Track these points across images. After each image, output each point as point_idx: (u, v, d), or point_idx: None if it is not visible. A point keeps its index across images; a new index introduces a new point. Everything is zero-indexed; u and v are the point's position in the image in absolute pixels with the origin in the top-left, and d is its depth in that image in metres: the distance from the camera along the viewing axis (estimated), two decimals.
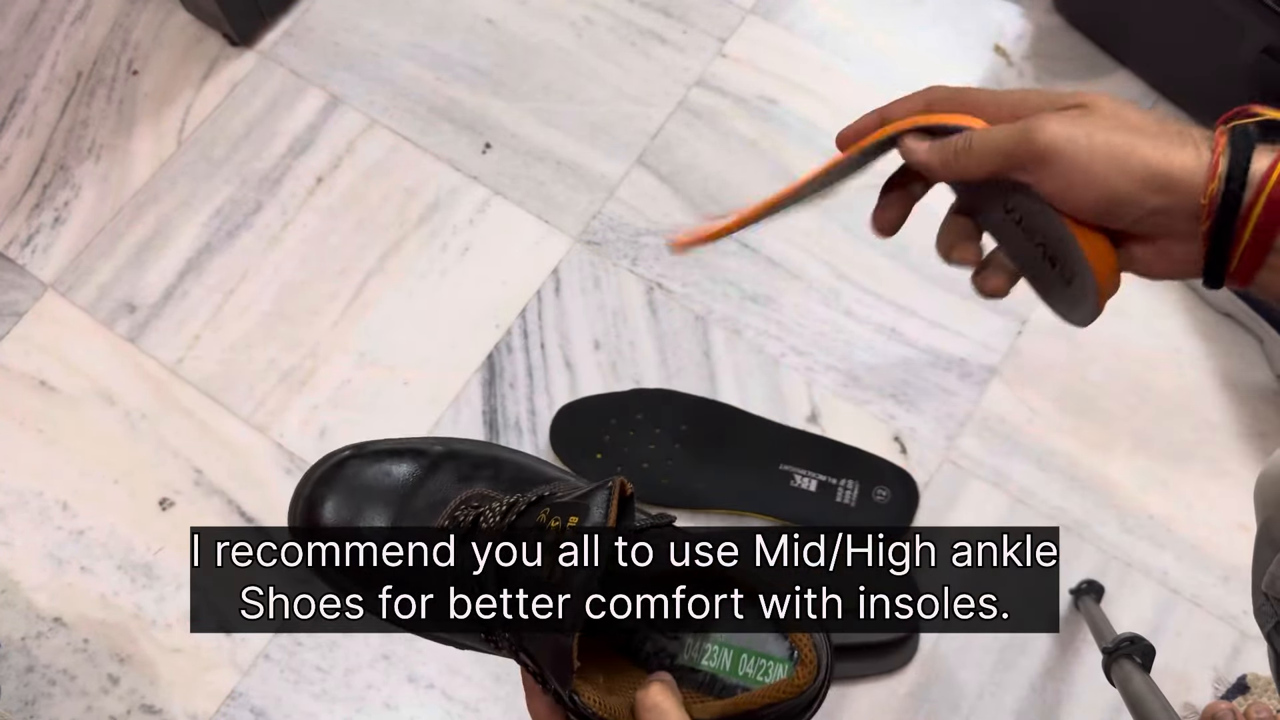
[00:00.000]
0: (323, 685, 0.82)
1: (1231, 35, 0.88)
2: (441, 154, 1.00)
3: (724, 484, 0.86)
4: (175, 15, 1.06)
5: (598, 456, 0.86)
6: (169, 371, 0.92)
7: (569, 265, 0.95)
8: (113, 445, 0.90)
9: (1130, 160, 0.38)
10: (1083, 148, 0.39)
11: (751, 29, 1.05)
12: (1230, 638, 0.83)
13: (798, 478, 0.87)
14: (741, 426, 0.88)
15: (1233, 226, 0.38)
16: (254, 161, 1.00)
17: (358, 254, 0.96)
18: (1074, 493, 0.87)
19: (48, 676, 0.83)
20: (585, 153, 1.00)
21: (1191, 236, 0.39)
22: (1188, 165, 0.38)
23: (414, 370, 0.92)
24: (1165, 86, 1.00)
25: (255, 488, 0.88)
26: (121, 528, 0.87)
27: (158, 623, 0.84)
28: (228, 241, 0.97)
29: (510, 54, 1.04)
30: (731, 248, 0.95)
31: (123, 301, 0.95)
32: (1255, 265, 0.39)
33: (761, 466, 0.87)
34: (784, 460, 0.87)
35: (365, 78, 1.03)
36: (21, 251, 0.97)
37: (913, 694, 0.82)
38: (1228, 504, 0.87)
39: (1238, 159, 0.38)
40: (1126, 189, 0.39)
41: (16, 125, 1.02)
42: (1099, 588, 0.83)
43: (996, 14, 1.05)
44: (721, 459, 0.87)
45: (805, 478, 0.87)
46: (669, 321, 0.93)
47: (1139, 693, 0.63)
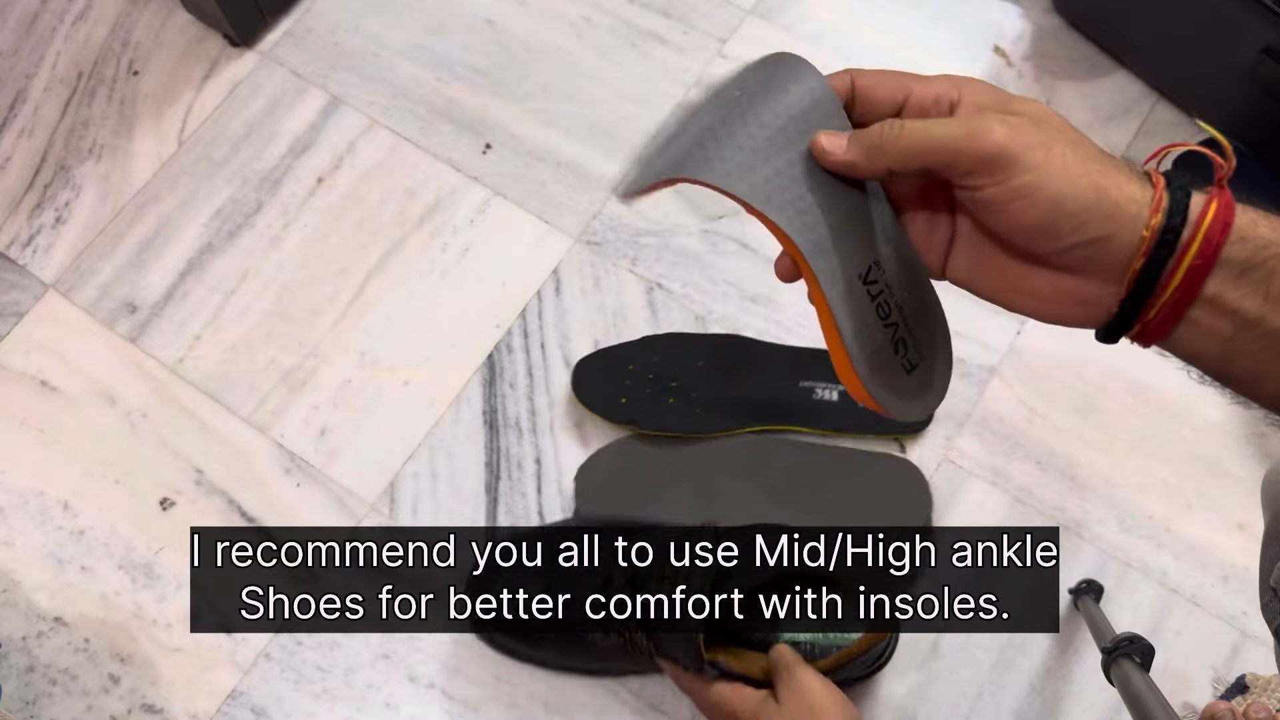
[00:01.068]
0: (323, 685, 0.83)
1: (1231, 35, 0.88)
2: (442, 154, 1.00)
3: (751, 407, 0.88)
4: (176, 16, 1.06)
5: (622, 401, 0.88)
6: (170, 371, 0.92)
7: (569, 265, 0.96)
8: (113, 445, 0.90)
9: (1083, 181, 0.36)
10: (1038, 159, 0.36)
11: (752, 30, 1.05)
12: (1229, 637, 0.83)
13: (819, 391, 0.89)
14: (754, 354, 0.90)
15: (1162, 270, 0.36)
16: (255, 162, 1.00)
17: (358, 254, 0.97)
18: (1073, 493, 0.87)
19: (48, 676, 0.83)
20: (585, 153, 1.00)
21: (1113, 277, 0.37)
22: (1135, 196, 0.36)
23: (414, 370, 0.92)
24: (1165, 86, 1.00)
25: (256, 487, 0.88)
26: (122, 527, 0.87)
27: (158, 622, 0.85)
28: (228, 242, 0.97)
29: (510, 54, 1.04)
30: (731, 248, 0.95)
31: (123, 301, 0.95)
32: (1176, 316, 0.37)
33: (782, 386, 0.89)
34: (802, 377, 0.89)
35: (365, 78, 1.03)
36: (22, 252, 0.97)
37: (913, 694, 0.82)
38: (1227, 504, 0.87)
39: (1177, 195, 0.36)
40: (1074, 210, 0.36)
41: (17, 125, 1.02)
42: (1098, 587, 0.83)
43: (996, 15, 1.05)
44: (743, 386, 0.89)
45: (825, 389, 0.89)
46: (669, 321, 0.93)
47: (1138, 692, 0.63)
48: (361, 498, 0.88)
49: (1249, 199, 0.38)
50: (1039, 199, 0.36)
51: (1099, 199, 0.36)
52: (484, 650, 0.83)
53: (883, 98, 0.40)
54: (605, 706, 0.82)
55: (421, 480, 0.88)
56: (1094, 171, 0.36)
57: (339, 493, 0.88)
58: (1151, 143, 0.98)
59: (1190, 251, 0.36)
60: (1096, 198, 0.36)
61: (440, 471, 0.89)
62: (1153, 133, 0.99)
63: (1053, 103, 1.00)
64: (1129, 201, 0.36)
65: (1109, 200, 0.36)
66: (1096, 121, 1.00)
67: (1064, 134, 0.37)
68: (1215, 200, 0.36)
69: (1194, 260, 0.36)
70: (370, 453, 0.89)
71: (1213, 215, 0.36)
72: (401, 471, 0.89)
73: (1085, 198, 0.36)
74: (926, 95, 0.39)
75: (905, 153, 0.38)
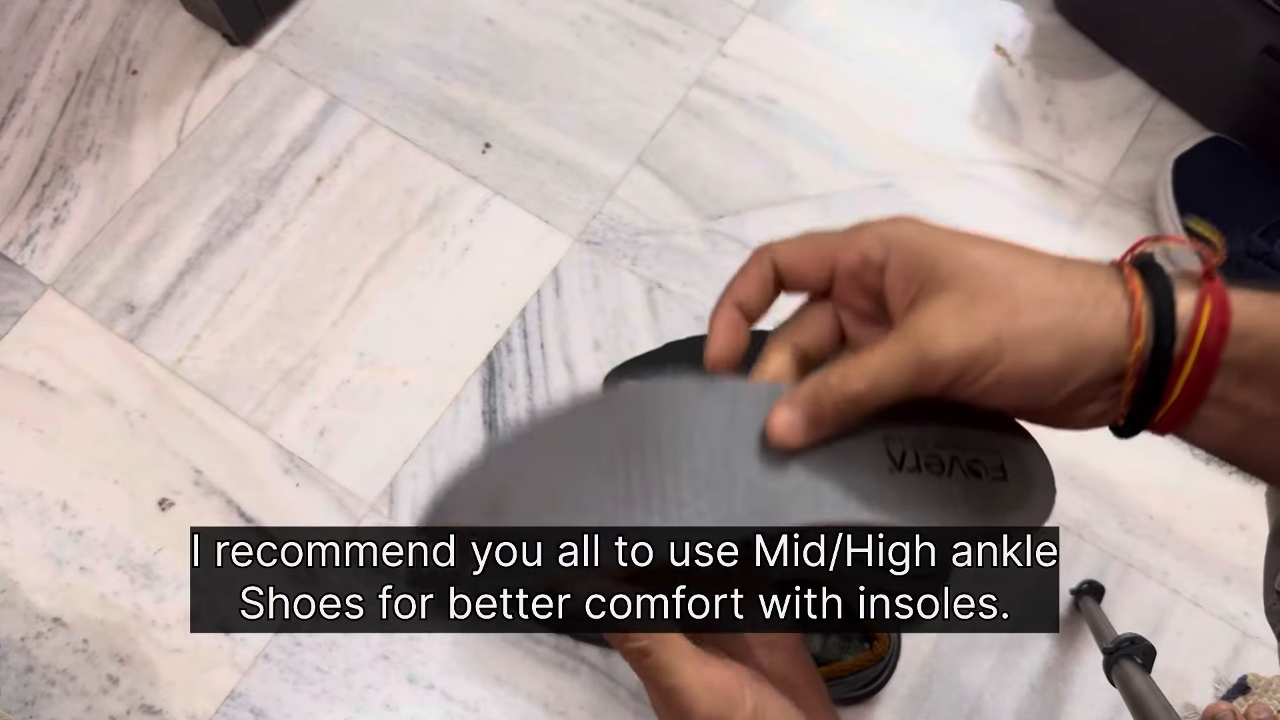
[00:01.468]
0: (322, 685, 0.82)
1: (1232, 35, 0.88)
2: (441, 154, 1.00)
3: None
4: (175, 15, 1.06)
5: None
6: (168, 371, 0.92)
7: (569, 265, 0.95)
8: (112, 445, 0.90)
9: (1049, 348, 0.32)
10: (994, 352, 0.32)
11: (752, 29, 1.05)
12: (1231, 638, 0.83)
13: None
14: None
15: (1163, 384, 0.33)
16: (254, 161, 1.00)
17: (357, 254, 0.96)
18: (1074, 493, 0.87)
19: (47, 677, 0.83)
20: (585, 152, 1.00)
21: (1112, 396, 0.34)
22: (1106, 331, 0.33)
23: (414, 370, 0.92)
24: (1165, 86, 1.00)
25: (254, 487, 0.88)
26: (121, 528, 0.87)
27: (157, 623, 0.84)
28: (227, 241, 0.97)
29: (510, 54, 1.04)
30: (731, 247, 0.95)
31: (122, 301, 0.95)
32: (1183, 418, 0.34)
33: None
34: None
35: (365, 77, 1.03)
36: (21, 251, 0.97)
37: (913, 694, 0.82)
38: (1229, 504, 0.86)
39: (1161, 306, 0.32)
40: (1048, 378, 0.33)
41: (16, 125, 1.02)
42: (1099, 588, 0.83)
43: (996, 14, 1.04)
44: None
45: None
46: (669, 321, 0.93)
47: (1140, 693, 0.63)
48: (361, 498, 0.88)
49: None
50: (1009, 385, 0.33)
51: (1071, 353, 0.32)
52: (484, 651, 0.83)
53: (808, 273, 0.37)
54: (605, 707, 0.81)
55: (421, 480, 0.88)
56: (1058, 324, 0.32)
57: (338, 493, 0.88)
58: (1152, 142, 0.98)
59: (1185, 366, 0.33)
60: (1068, 354, 0.32)
61: (439, 472, 0.89)
62: (1153, 132, 0.99)
63: (1054, 102, 1.00)
64: (1102, 340, 0.32)
65: (1082, 348, 0.32)
66: (1097, 121, 1.00)
67: (1012, 284, 0.33)
68: (1208, 300, 0.32)
69: (1191, 372, 0.33)
70: (369, 453, 0.89)
71: (1206, 321, 0.32)
72: (401, 472, 0.89)
73: (1055, 363, 0.33)
74: (852, 260, 0.36)
75: (854, 403, 0.34)
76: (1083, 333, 0.32)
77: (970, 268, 0.33)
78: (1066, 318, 0.32)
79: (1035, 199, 0.97)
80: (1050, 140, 0.99)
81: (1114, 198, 0.97)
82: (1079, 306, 0.32)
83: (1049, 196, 0.97)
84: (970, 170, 0.98)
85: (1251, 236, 0.88)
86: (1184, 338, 0.32)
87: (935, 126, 1.00)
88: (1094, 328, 0.32)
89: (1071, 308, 0.32)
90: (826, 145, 0.99)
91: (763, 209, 0.97)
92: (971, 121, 1.00)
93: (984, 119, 1.00)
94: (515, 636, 0.83)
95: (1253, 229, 0.89)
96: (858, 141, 0.99)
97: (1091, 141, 0.99)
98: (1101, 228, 0.96)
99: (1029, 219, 0.96)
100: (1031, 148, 0.99)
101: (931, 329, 0.33)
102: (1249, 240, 0.88)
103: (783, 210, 0.97)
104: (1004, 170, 0.98)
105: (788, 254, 0.37)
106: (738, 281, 0.38)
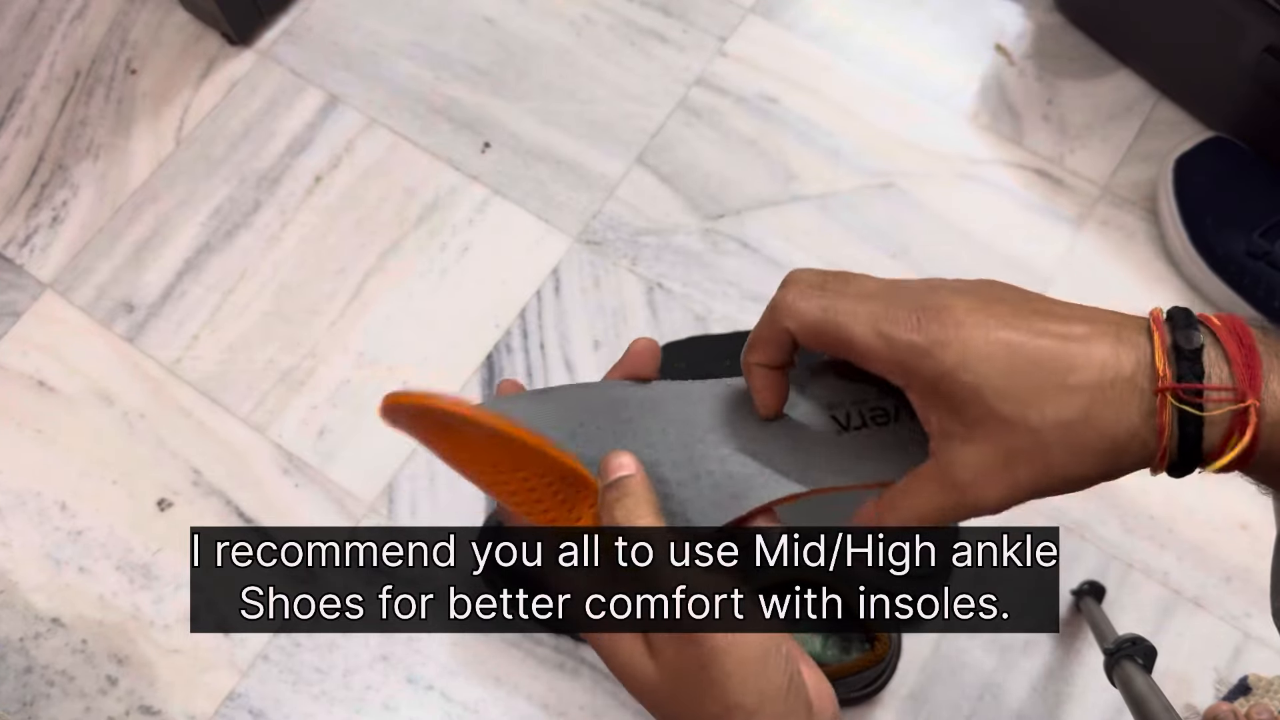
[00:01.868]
0: (322, 686, 0.82)
1: (1232, 35, 0.88)
2: (441, 153, 1.00)
3: None
4: (173, 14, 1.06)
5: None
6: (167, 371, 0.92)
7: (569, 265, 0.95)
8: (111, 445, 0.90)
9: (1082, 466, 0.33)
10: (1026, 486, 0.34)
11: (752, 28, 1.04)
12: (1232, 639, 0.83)
13: None
14: None
15: (1195, 464, 0.33)
16: (253, 161, 1.00)
17: (357, 253, 0.96)
18: (1075, 493, 0.87)
19: (46, 677, 0.83)
20: (585, 152, 1.00)
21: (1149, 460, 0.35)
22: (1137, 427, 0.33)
23: (413, 370, 0.92)
24: (1166, 86, 1.00)
25: (253, 488, 0.88)
26: (120, 528, 0.87)
27: (156, 623, 0.84)
28: (226, 241, 0.97)
29: (510, 53, 1.04)
30: (731, 247, 0.95)
31: (121, 301, 0.95)
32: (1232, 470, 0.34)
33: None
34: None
35: (364, 77, 1.03)
36: (19, 251, 0.97)
37: (913, 695, 0.82)
38: (1230, 504, 0.86)
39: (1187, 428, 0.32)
40: (1082, 476, 0.34)
41: (14, 124, 1.02)
42: (1100, 588, 0.82)
43: (997, 13, 1.04)
44: None
45: None
46: (669, 321, 0.93)
47: (1141, 694, 0.63)
48: (360, 498, 0.88)
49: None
50: (1052, 487, 0.34)
51: (1104, 463, 0.33)
52: (484, 651, 0.83)
53: (821, 346, 0.39)
54: (606, 708, 0.81)
55: (419, 481, 0.88)
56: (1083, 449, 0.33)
57: (337, 493, 0.88)
58: (1153, 142, 0.98)
59: (1220, 462, 0.33)
60: (1102, 465, 0.33)
61: (439, 472, 0.88)
62: (1154, 132, 0.99)
63: (1054, 101, 1.00)
64: (1133, 436, 0.33)
65: (1115, 450, 0.33)
66: (1098, 120, 0.99)
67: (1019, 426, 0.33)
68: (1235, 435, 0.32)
69: (1226, 467, 0.33)
70: (369, 453, 0.89)
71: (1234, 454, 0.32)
72: (400, 472, 0.88)
73: (1092, 475, 0.34)
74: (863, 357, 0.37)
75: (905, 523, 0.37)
76: (1111, 442, 0.33)
77: (997, 421, 0.33)
78: (1082, 435, 0.33)
79: (1036, 199, 0.97)
80: (1051, 140, 0.99)
81: (1115, 197, 0.97)
82: (1098, 403, 0.33)
83: (1049, 196, 0.97)
84: (971, 170, 0.98)
85: (1252, 236, 0.88)
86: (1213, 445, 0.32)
87: (936, 126, 1.00)
88: (1122, 427, 0.33)
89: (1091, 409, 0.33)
90: (827, 145, 0.99)
91: (763, 208, 0.97)
92: (972, 121, 1.00)
93: (984, 118, 1.00)
94: (515, 637, 0.83)
95: (1253, 229, 0.88)
96: (858, 141, 0.99)
97: (1092, 141, 0.99)
98: (1102, 227, 0.95)
99: (1029, 219, 0.96)
100: (1032, 147, 0.99)
101: (970, 477, 0.34)
102: (1250, 240, 0.88)
103: (783, 210, 0.96)
104: (1004, 170, 0.98)
105: (802, 329, 0.37)
106: (759, 347, 0.39)
